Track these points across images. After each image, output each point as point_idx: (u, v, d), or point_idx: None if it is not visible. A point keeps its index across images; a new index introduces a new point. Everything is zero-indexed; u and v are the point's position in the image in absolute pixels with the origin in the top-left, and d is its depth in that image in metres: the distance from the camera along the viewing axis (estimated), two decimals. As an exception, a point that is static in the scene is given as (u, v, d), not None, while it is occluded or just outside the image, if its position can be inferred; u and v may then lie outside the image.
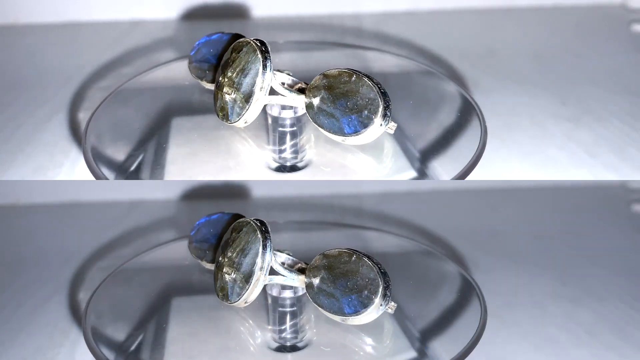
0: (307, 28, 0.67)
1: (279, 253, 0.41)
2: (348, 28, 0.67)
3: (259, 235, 0.38)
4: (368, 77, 0.39)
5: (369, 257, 0.38)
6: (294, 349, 0.39)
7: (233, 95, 0.40)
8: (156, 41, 0.65)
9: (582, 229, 0.61)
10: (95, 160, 0.40)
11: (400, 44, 0.64)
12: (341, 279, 0.38)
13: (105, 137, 0.43)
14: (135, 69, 0.58)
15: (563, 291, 0.51)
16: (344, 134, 0.39)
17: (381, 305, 0.37)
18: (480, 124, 0.42)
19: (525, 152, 0.51)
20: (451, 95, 0.46)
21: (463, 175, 0.39)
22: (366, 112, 0.39)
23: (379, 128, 0.39)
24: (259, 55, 0.40)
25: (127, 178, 0.41)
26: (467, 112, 0.44)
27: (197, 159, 0.42)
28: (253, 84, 0.40)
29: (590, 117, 0.54)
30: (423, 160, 0.42)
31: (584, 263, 0.55)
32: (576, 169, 0.49)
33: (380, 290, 0.37)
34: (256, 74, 0.39)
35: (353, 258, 0.38)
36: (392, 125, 0.40)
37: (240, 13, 0.69)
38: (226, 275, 0.40)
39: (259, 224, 0.39)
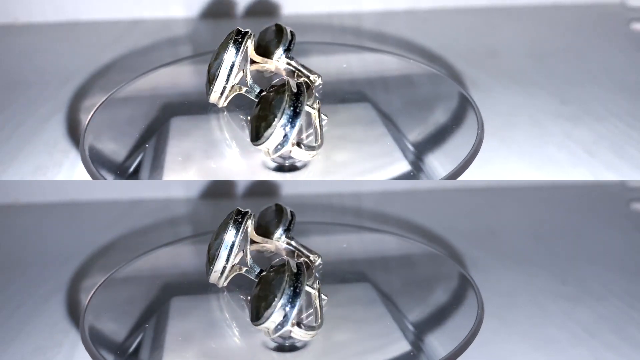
0: (307, 28, 0.67)
1: (279, 244, 0.41)
2: (348, 27, 0.67)
3: (230, 226, 0.39)
4: (296, 93, 0.38)
5: (295, 275, 0.36)
6: (292, 348, 0.39)
7: (208, 76, 0.42)
8: (156, 41, 0.65)
9: (581, 228, 0.61)
10: (94, 160, 0.40)
11: (400, 43, 0.64)
12: (261, 285, 0.37)
13: (105, 137, 0.43)
14: (135, 69, 0.58)
15: (562, 290, 0.51)
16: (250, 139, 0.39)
17: (278, 326, 0.36)
18: (477, 119, 0.42)
19: (525, 151, 0.51)
20: (449, 92, 0.46)
21: (460, 170, 0.39)
22: (264, 124, 0.38)
23: (268, 146, 0.38)
24: (230, 45, 0.40)
25: (126, 178, 0.41)
26: (465, 108, 0.44)
27: (196, 159, 0.42)
28: (217, 69, 0.41)
29: (590, 116, 0.54)
30: (419, 156, 0.42)
31: (584, 262, 0.55)
32: (575, 168, 0.49)
33: (276, 309, 0.35)
34: (221, 61, 0.41)
35: (282, 269, 0.37)
36: (302, 153, 0.39)
37: (244, 12, 0.69)
38: (207, 254, 0.41)
39: (240, 214, 0.40)
